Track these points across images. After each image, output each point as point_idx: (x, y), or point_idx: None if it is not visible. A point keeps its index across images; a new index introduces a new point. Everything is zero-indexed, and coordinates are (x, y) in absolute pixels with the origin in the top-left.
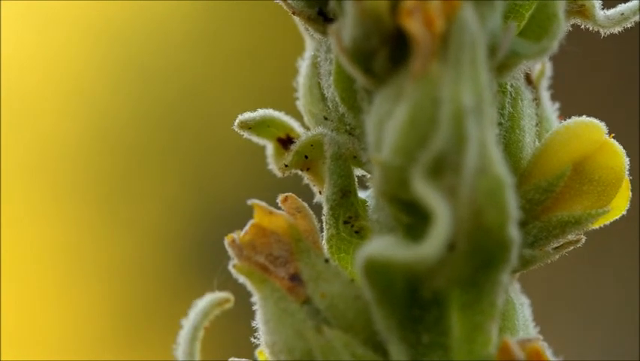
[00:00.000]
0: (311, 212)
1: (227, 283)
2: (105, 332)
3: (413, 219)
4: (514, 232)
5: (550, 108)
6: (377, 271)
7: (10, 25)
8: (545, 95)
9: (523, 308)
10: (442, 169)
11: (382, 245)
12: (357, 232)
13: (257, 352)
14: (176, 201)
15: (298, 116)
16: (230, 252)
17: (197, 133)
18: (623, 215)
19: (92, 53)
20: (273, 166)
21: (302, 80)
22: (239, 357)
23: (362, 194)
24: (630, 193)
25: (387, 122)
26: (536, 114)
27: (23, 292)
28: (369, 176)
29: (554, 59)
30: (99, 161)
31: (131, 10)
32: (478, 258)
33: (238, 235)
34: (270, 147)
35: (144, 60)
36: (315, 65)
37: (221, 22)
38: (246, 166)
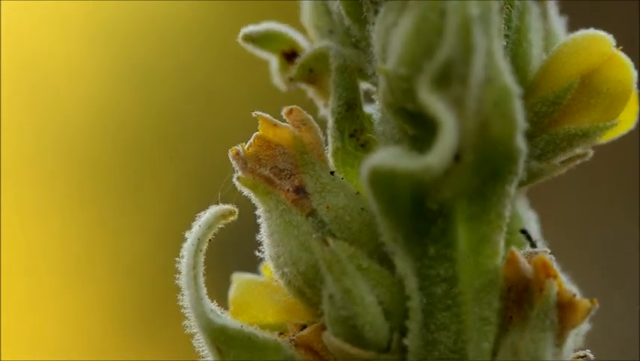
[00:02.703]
0: (316, 125)
1: (232, 195)
2: (107, 332)
3: (419, 130)
4: (521, 143)
5: (558, 22)
6: (382, 181)
7: (12, 25)
8: (553, 9)
9: (530, 223)
10: (449, 79)
11: (387, 155)
12: (362, 145)
13: (261, 267)
14: (185, 200)
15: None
16: (235, 164)
17: (205, 133)
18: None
19: (99, 53)
20: (277, 80)
21: None
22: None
23: (368, 109)
24: (639, 107)
25: (392, 32)
26: (543, 28)
27: (24, 291)
28: (374, 89)
29: None
30: (107, 159)
31: (139, 11)
32: (485, 169)
33: (242, 148)
34: (274, 62)
35: (152, 60)
36: None
37: (231, 22)
38: None
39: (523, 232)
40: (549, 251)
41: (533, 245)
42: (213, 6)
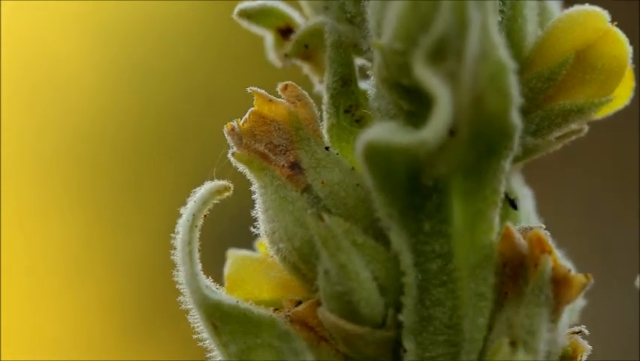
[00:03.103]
0: (311, 100)
1: (228, 170)
2: (107, 332)
3: (414, 106)
4: (516, 118)
5: None
6: (377, 156)
7: (12, 25)
8: None
9: (526, 200)
10: (444, 54)
11: (382, 130)
12: (357, 121)
13: (257, 243)
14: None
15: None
16: (230, 140)
17: (205, 133)
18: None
19: (99, 53)
20: (272, 56)
21: None
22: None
23: (363, 85)
24: (634, 83)
25: (388, 7)
26: (538, 4)
27: (24, 291)
28: (369, 65)
29: None
30: (107, 159)
31: (139, 11)
32: (480, 144)
33: (238, 124)
34: (269, 38)
35: (152, 60)
36: None
37: (231, 22)
38: None
39: None
40: (544, 227)
41: (513, 204)
42: (213, 6)
